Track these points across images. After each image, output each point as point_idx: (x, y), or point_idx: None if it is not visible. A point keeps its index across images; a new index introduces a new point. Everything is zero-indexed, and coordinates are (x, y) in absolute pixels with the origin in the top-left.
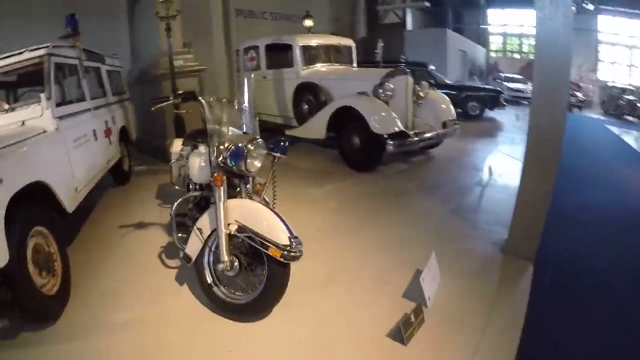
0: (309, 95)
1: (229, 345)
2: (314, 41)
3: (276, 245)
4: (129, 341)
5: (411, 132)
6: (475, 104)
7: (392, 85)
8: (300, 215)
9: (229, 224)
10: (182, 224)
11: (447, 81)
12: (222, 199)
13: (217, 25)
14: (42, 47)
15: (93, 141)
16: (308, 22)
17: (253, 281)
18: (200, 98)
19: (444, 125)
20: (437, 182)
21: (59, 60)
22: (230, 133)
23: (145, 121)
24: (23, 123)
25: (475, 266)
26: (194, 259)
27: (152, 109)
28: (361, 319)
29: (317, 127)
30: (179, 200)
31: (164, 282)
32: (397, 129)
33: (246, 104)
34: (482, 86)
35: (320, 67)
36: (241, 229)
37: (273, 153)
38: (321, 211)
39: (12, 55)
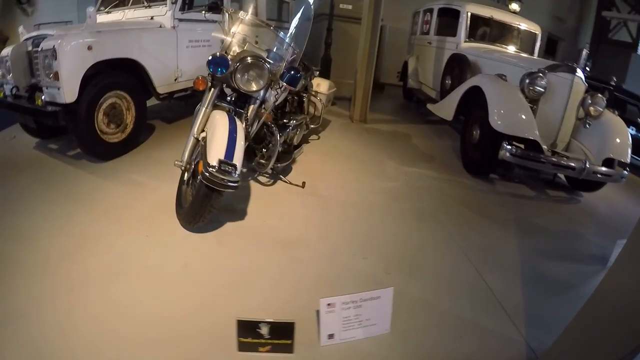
0: (456, 70)
1: (151, 232)
2: (488, 13)
3: (205, 161)
4: (121, 195)
5: (546, 148)
6: None
7: (544, 82)
8: (343, 180)
9: (202, 130)
10: None
11: None
12: (204, 105)
13: None
14: None
15: (215, 48)
16: (514, 6)
17: None
18: (223, 9)
19: (607, 164)
20: (546, 229)
21: None
22: (247, 49)
23: None
24: (152, 18)
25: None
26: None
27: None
28: (260, 295)
29: (448, 106)
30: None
31: None
32: (526, 136)
33: (285, 34)
34: None
35: (485, 44)
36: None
37: (280, 81)
38: (373, 186)
39: None
